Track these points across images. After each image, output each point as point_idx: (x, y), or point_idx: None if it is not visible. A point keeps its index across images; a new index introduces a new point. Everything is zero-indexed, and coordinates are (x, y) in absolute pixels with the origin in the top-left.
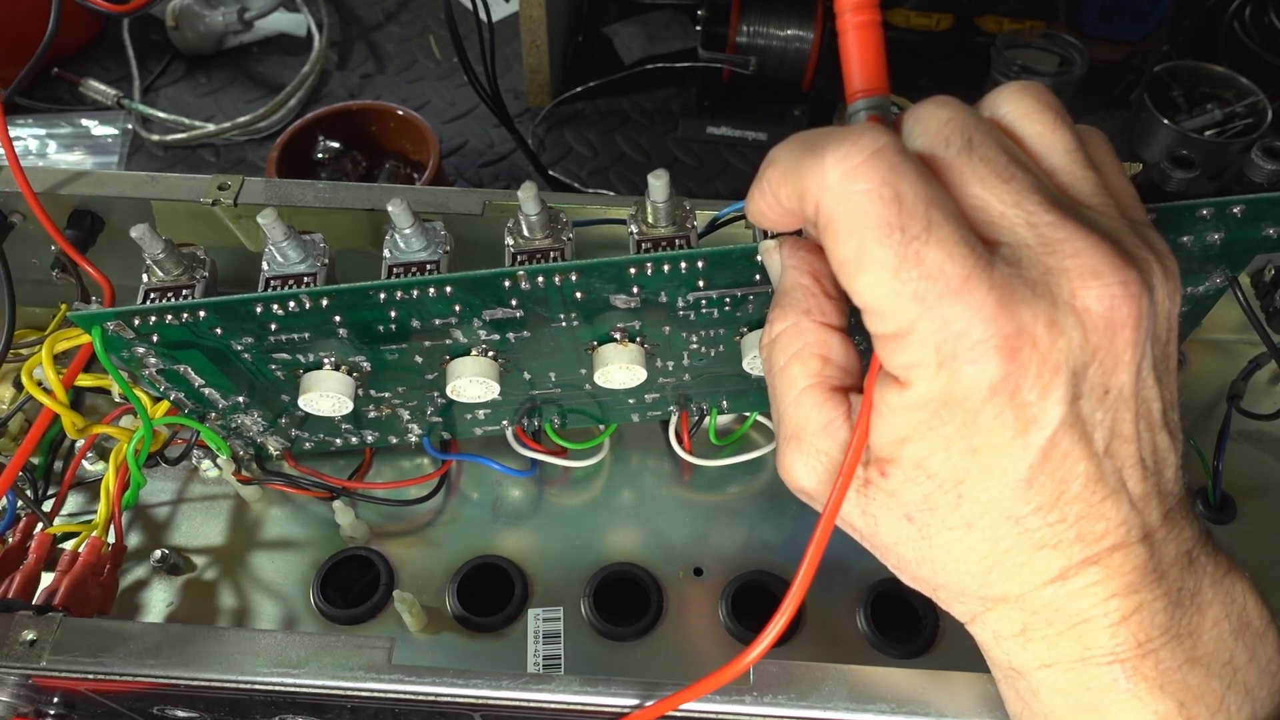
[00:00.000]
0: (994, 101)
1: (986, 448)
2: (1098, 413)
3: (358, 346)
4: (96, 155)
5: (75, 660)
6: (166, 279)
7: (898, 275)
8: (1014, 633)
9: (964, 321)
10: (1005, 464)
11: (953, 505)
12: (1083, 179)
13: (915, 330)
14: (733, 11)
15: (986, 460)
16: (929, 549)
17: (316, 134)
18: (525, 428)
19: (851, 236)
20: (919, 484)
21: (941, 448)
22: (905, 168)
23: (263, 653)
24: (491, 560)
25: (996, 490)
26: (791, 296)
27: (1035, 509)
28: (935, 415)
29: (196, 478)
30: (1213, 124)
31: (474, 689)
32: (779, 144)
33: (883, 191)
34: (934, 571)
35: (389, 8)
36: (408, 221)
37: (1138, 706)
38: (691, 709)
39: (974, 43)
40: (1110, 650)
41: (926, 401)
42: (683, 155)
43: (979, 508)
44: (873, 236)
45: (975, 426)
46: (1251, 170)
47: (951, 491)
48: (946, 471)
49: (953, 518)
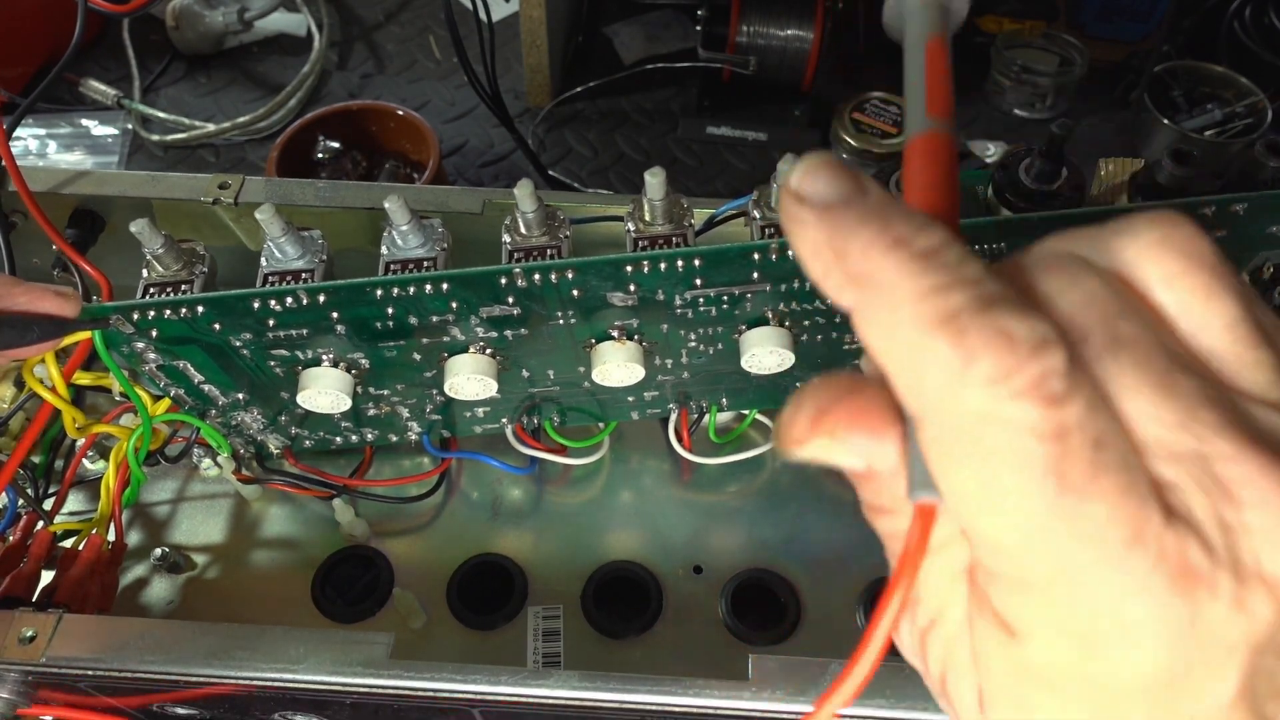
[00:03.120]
0: (1120, 247)
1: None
2: (1274, 683)
3: (356, 343)
4: (96, 155)
5: (75, 657)
6: (166, 274)
7: (1042, 530)
8: None
9: (1122, 592)
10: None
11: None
12: (1254, 364)
13: (1048, 588)
14: (733, 11)
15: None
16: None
17: (316, 134)
18: (525, 426)
19: (984, 469)
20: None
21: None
22: (1074, 399)
23: (262, 649)
24: (491, 558)
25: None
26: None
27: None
28: (1051, 686)
29: (196, 476)
30: (1213, 124)
31: (473, 684)
32: (892, 256)
33: (1045, 428)
34: None
35: (389, 8)
36: (405, 218)
37: None
38: (691, 705)
39: (974, 43)
40: None
41: (1044, 668)
42: (683, 155)
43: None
44: (1020, 478)
45: (1116, 712)
46: (1254, 167)
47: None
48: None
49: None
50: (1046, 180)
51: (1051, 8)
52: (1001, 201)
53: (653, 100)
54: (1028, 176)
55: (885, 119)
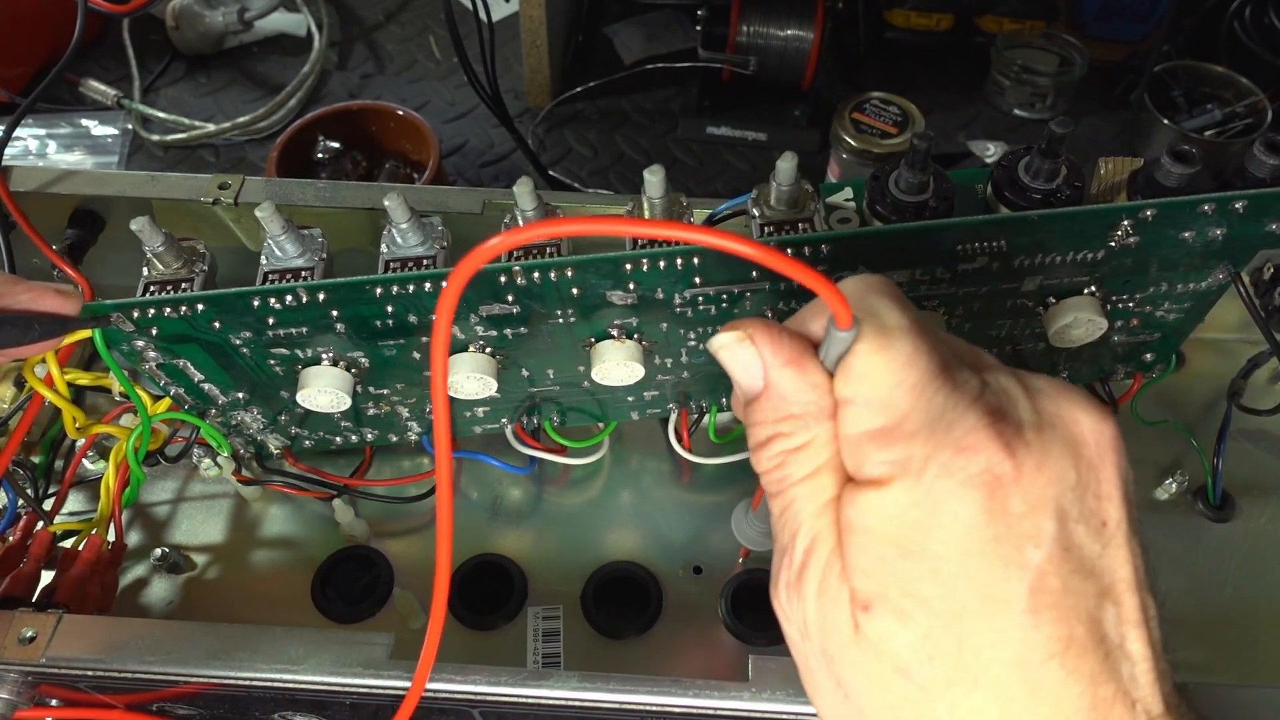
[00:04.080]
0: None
1: (981, 570)
2: (1095, 544)
3: (355, 342)
4: (96, 155)
5: (75, 657)
6: (166, 272)
7: (908, 366)
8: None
9: (960, 424)
10: (1006, 591)
11: (954, 651)
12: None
13: (906, 423)
14: (733, 11)
15: (982, 584)
16: (931, 712)
17: (316, 134)
18: (525, 426)
19: (874, 319)
20: (912, 619)
21: (930, 568)
22: (887, 286)
23: (262, 649)
24: (491, 558)
25: (1000, 627)
26: (801, 404)
27: (1047, 655)
28: (920, 527)
29: (196, 476)
30: (1213, 124)
31: (473, 685)
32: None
33: (901, 303)
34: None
35: (389, 8)
36: (404, 216)
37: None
38: (691, 706)
39: (974, 43)
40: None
41: (910, 506)
42: (683, 155)
43: (983, 653)
44: (895, 324)
45: (969, 541)
46: (1253, 165)
47: (952, 630)
48: (940, 600)
49: (954, 670)
50: (1046, 178)
51: (1051, 8)
52: (1000, 199)
53: (653, 100)
54: (1027, 175)
55: (885, 119)
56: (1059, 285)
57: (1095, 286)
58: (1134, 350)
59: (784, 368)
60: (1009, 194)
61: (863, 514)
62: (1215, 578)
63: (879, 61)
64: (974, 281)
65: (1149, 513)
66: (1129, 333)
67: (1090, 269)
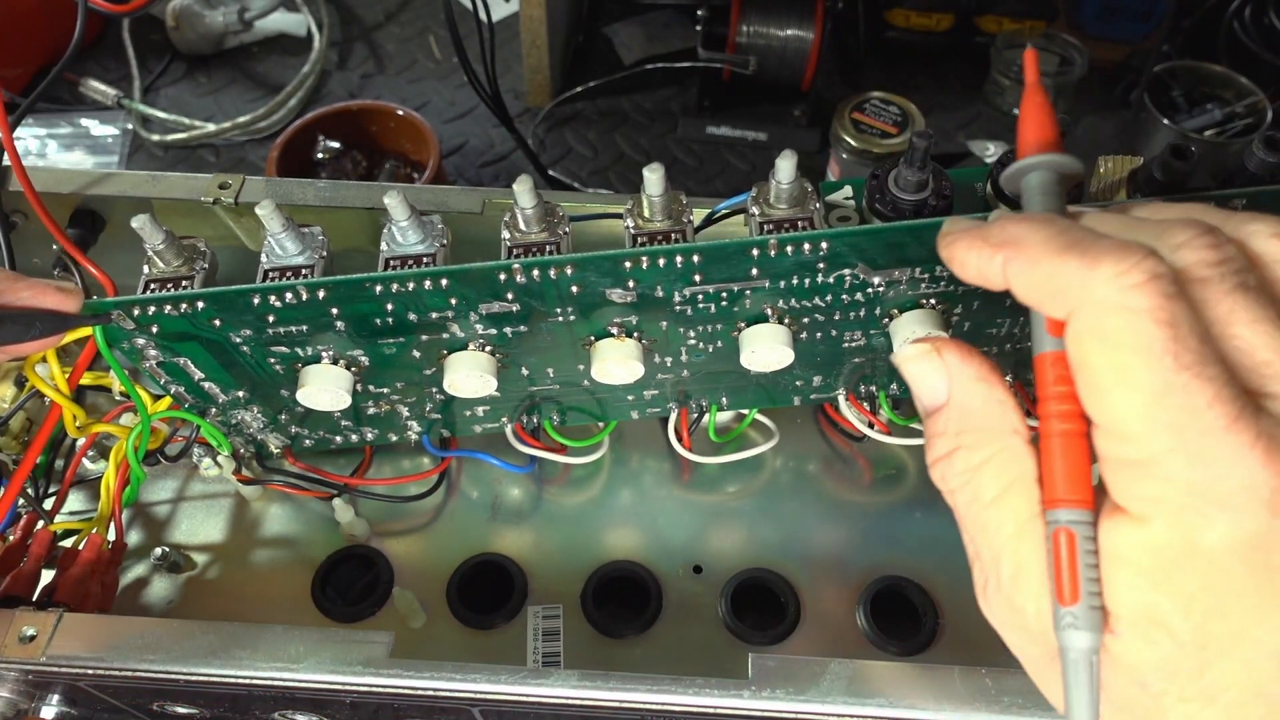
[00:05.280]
0: (1251, 227)
1: (1238, 611)
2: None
3: (356, 340)
4: (97, 155)
5: (75, 655)
6: (167, 270)
7: (1160, 401)
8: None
9: (1225, 464)
10: (1260, 633)
11: (1194, 674)
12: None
13: (1164, 462)
14: (733, 11)
15: (1237, 625)
16: (1163, 717)
17: (317, 134)
18: (525, 425)
19: (1115, 351)
20: (1157, 645)
21: (1182, 605)
22: (1181, 300)
23: (262, 648)
24: (491, 557)
25: (1246, 662)
26: (987, 415)
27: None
28: (1175, 565)
29: (196, 475)
30: (1212, 124)
31: (473, 684)
32: (1022, 220)
33: (1159, 315)
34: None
35: (389, 8)
36: (404, 214)
37: None
38: (691, 705)
39: (974, 43)
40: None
41: (1166, 546)
42: (683, 155)
43: (1224, 679)
44: (1142, 356)
45: (1226, 587)
46: (1252, 162)
47: (1194, 657)
48: (1188, 633)
49: (1192, 688)
50: None
51: (1051, 8)
52: (1000, 197)
53: (653, 100)
54: None
55: (885, 119)
56: None
57: None
58: None
59: (974, 382)
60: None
61: (1118, 543)
62: None
63: (879, 61)
64: None
65: None
66: None
67: None
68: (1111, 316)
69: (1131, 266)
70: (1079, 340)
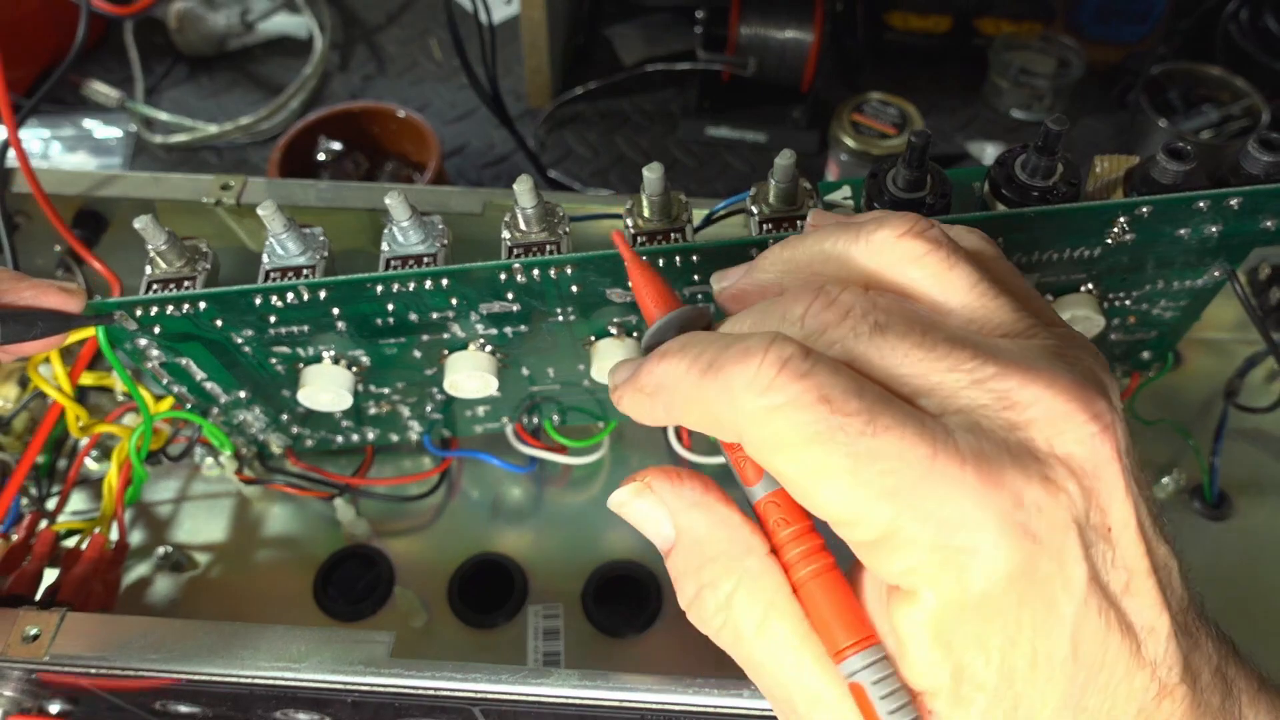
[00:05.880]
0: (871, 253)
1: (1027, 636)
2: (1108, 554)
3: (357, 340)
4: (100, 157)
5: (78, 655)
6: (169, 270)
7: (857, 477)
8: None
9: (951, 504)
10: (1050, 647)
11: (1011, 711)
12: (997, 309)
13: (899, 530)
14: (732, 13)
15: (1030, 649)
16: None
17: (318, 135)
18: (525, 425)
19: (789, 451)
20: (971, 702)
21: (980, 655)
22: (820, 368)
23: (264, 647)
24: (491, 557)
25: (1047, 678)
26: (715, 541)
27: (1085, 684)
28: (959, 622)
29: (199, 475)
30: (1209, 125)
31: (474, 683)
32: (667, 360)
33: (805, 399)
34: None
35: (390, 10)
36: (405, 214)
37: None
38: (691, 704)
39: (972, 45)
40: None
41: (941, 609)
42: (682, 156)
43: (1038, 703)
44: (815, 445)
45: (1009, 618)
46: (1248, 162)
47: (1006, 696)
48: (993, 678)
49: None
50: (1042, 176)
51: (1049, 10)
52: (997, 197)
53: (652, 101)
54: (1024, 172)
55: (884, 120)
56: (1056, 283)
57: (1092, 284)
58: (1131, 349)
59: (692, 509)
60: (1006, 191)
61: (902, 624)
62: (1211, 576)
63: (878, 63)
64: None
65: None
66: (1126, 331)
67: (1087, 266)
68: (768, 423)
69: (759, 365)
70: (760, 457)
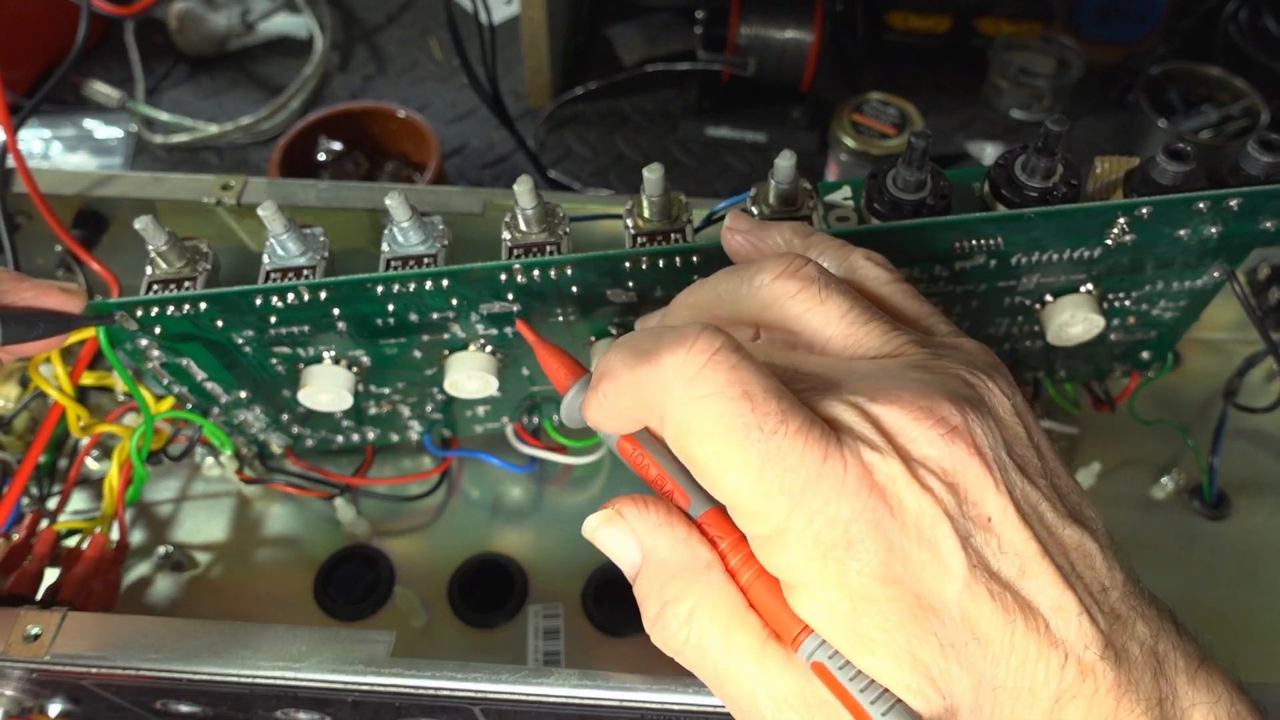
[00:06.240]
0: (753, 294)
1: (912, 622)
2: (992, 541)
3: (357, 340)
4: (100, 157)
5: (79, 654)
6: (170, 271)
7: (763, 473)
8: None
9: (833, 505)
10: (946, 633)
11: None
12: (865, 335)
13: (790, 527)
14: (732, 13)
15: (916, 632)
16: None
17: (318, 135)
18: (525, 425)
19: (708, 441)
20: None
21: (879, 641)
22: (746, 364)
23: (264, 647)
24: (492, 557)
25: (958, 660)
26: (677, 557)
27: (995, 662)
28: (847, 610)
29: (199, 475)
30: (1208, 126)
31: (474, 683)
32: (610, 350)
33: (730, 391)
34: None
35: (390, 10)
36: (405, 215)
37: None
38: (691, 704)
39: (972, 45)
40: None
41: (831, 604)
42: (682, 156)
43: (954, 686)
44: (732, 439)
45: (891, 607)
46: (1247, 163)
47: (925, 679)
48: (904, 668)
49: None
50: (1042, 176)
51: (1049, 10)
52: (997, 197)
53: (652, 102)
54: (1023, 173)
55: (884, 120)
56: (1056, 283)
57: (1092, 284)
58: (1131, 349)
59: (656, 529)
60: (1006, 192)
61: (805, 615)
62: (1211, 576)
63: (878, 63)
64: (972, 280)
65: (1145, 511)
66: (1126, 331)
67: (1087, 267)
68: (691, 410)
69: (688, 350)
70: (676, 441)
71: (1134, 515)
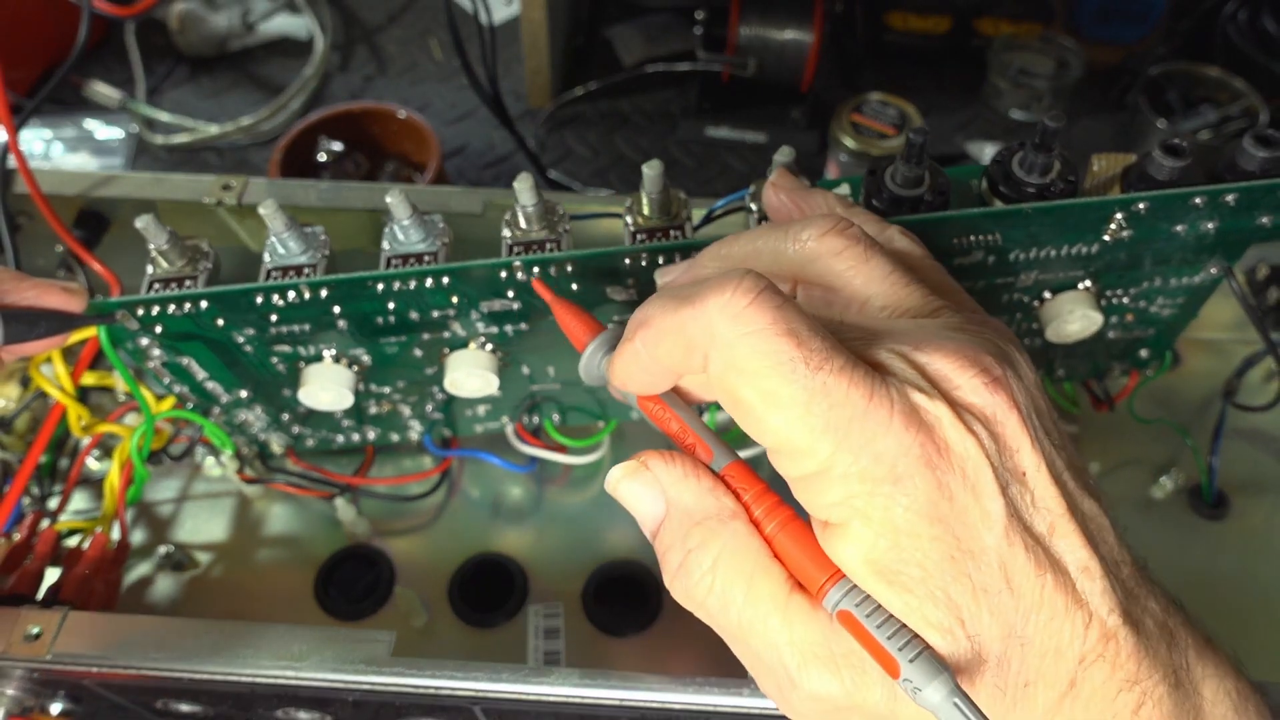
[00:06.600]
0: (798, 249)
1: (955, 553)
2: (1026, 495)
3: (358, 339)
4: (101, 157)
5: (80, 654)
6: (170, 270)
7: (809, 409)
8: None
9: (880, 442)
10: (981, 578)
11: (956, 636)
12: (907, 295)
13: (835, 464)
14: (732, 13)
15: (957, 568)
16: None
17: (318, 136)
18: (525, 424)
19: (755, 379)
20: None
21: (918, 576)
22: (789, 305)
23: (265, 647)
24: (492, 557)
25: (990, 607)
26: (702, 507)
27: (1026, 615)
28: (893, 554)
29: (200, 475)
30: (1207, 126)
31: (474, 682)
32: (645, 304)
33: (776, 328)
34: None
35: (391, 10)
36: (405, 213)
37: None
38: (691, 703)
39: (972, 45)
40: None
41: (874, 541)
42: (682, 156)
43: (982, 631)
44: (779, 374)
45: (936, 541)
46: (1244, 159)
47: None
48: (940, 594)
49: (964, 641)
50: (1040, 173)
51: (1048, 10)
52: (995, 193)
53: (652, 102)
54: (1021, 169)
55: (883, 120)
56: (1054, 280)
57: (1090, 281)
58: (1129, 347)
59: (682, 480)
60: (1003, 188)
61: (840, 557)
62: (1210, 575)
63: (877, 63)
64: (970, 276)
65: (1144, 511)
66: (1124, 328)
67: (1085, 263)
68: (736, 347)
69: (733, 291)
70: (722, 381)
71: (1133, 515)
